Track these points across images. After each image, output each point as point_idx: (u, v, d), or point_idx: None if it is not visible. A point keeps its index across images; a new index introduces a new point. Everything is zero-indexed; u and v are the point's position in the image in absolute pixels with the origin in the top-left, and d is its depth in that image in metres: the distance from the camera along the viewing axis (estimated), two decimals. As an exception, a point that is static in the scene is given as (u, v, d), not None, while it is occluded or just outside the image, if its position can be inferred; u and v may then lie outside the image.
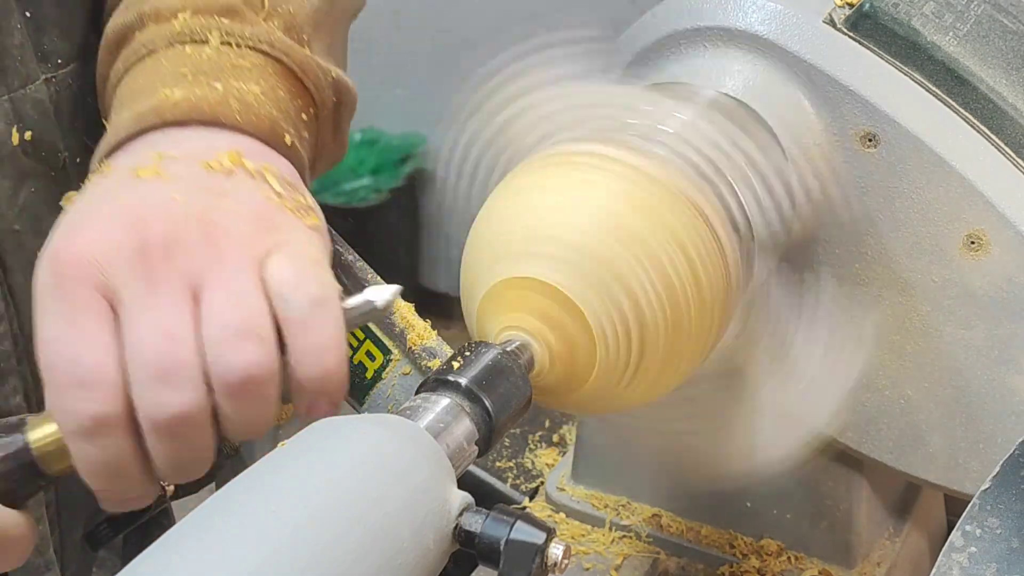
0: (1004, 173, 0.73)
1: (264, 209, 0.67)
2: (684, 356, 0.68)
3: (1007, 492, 0.53)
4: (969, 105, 0.74)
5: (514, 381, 0.62)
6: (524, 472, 1.03)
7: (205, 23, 0.76)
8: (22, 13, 0.79)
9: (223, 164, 0.68)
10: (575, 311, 0.65)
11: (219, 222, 0.65)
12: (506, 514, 0.56)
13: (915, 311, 0.76)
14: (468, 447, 0.60)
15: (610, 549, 0.90)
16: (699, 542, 0.90)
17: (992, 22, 0.76)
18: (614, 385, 0.67)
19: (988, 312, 0.74)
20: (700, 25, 0.77)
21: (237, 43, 0.76)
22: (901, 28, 0.74)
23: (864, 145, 0.74)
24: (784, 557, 0.89)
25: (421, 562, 0.53)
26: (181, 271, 0.63)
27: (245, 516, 0.50)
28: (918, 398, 0.78)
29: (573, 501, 0.94)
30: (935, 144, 0.73)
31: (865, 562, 0.88)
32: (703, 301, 0.67)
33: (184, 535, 0.50)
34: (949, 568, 0.52)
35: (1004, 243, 0.72)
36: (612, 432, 0.92)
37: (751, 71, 0.76)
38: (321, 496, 0.51)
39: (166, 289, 0.63)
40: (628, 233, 0.65)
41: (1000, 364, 0.75)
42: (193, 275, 0.63)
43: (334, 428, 0.56)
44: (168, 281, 0.63)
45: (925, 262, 0.75)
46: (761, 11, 0.76)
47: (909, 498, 0.93)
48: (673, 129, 0.72)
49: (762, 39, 0.75)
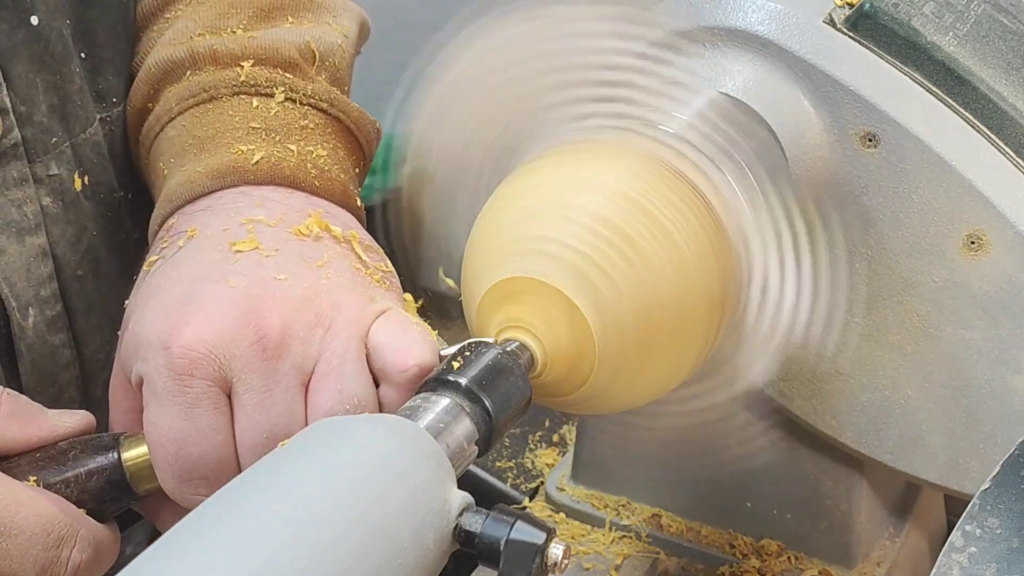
0: (1004, 173, 0.73)
1: (359, 277, 0.68)
2: (684, 354, 0.68)
3: (1007, 492, 0.53)
4: (969, 105, 0.74)
5: (514, 381, 0.62)
6: (524, 472, 1.03)
7: (270, 77, 0.77)
8: (78, 54, 0.78)
9: (312, 230, 0.69)
10: (575, 311, 0.65)
11: (326, 299, 0.65)
12: (506, 514, 0.56)
13: (915, 311, 0.76)
14: (468, 447, 0.60)
15: (610, 549, 0.90)
16: (699, 542, 0.90)
17: (992, 22, 0.76)
18: (614, 384, 0.67)
19: (988, 312, 0.74)
20: (700, 25, 0.77)
21: (300, 100, 0.77)
22: (901, 28, 0.74)
23: (864, 145, 0.74)
24: (784, 557, 0.89)
25: (421, 562, 0.53)
26: (295, 363, 0.64)
27: (245, 516, 0.50)
28: (918, 398, 0.78)
29: (573, 501, 0.94)
30: (935, 144, 0.73)
31: (865, 562, 0.88)
32: (702, 299, 0.67)
33: (184, 535, 0.50)
34: (949, 568, 0.52)
35: (1004, 243, 0.72)
36: (612, 432, 0.92)
37: (751, 71, 0.76)
38: (321, 496, 0.51)
39: (281, 387, 0.64)
40: (627, 233, 0.65)
41: (1000, 364, 0.75)
42: (306, 364, 0.64)
43: (334, 428, 0.56)
44: (283, 379, 0.64)
45: (925, 262, 0.75)
46: (761, 11, 0.76)
47: (909, 498, 0.93)
48: (673, 129, 0.72)
49: (762, 39, 0.75)
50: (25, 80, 0.75)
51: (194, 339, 0.63)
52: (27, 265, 0.75)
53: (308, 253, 0.68)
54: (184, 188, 0.73)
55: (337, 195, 0.74)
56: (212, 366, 0.63)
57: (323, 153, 0.75)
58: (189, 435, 0.63)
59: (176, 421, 0.63)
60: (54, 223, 0.77)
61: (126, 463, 0.66)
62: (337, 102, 0.79)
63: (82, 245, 0.79)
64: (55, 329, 0.78)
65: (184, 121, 0.77)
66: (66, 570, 0.63)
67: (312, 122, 0.77)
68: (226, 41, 0.79)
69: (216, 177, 0.73)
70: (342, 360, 0.64)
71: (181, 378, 0.63)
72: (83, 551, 0.64)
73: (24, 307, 0.76)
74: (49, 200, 0.77)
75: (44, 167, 0.76)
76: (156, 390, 0.63)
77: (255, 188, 0.72)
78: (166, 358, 0.63)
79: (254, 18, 0.81)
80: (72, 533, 0.63)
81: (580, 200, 0.66)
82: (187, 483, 0.64)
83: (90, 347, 0.80)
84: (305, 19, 0.82)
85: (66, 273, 0.78)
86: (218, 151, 0.74)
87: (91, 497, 0.65)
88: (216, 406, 0.63)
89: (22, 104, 0.75)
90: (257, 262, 0.66)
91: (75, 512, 0.64)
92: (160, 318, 0.64)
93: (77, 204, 0.79)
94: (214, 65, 0.79)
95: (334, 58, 0.82)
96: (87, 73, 0.79)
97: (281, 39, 0.79)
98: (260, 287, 0.65)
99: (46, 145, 0.76)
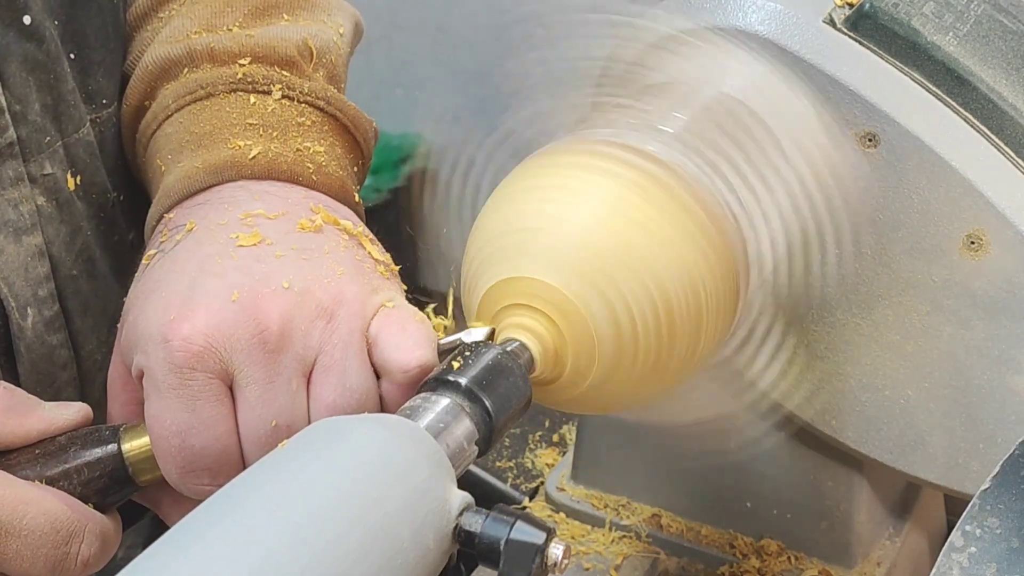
0: (1004, 173, 0.73)
1: (361, 268, 0.68)
2: (684, 355, 0.68)
3: (1007, 492, 0.53)
4: (969, 105, 0.74)
5: (514, 381, 0.62)
6: (524, 472, 1.03)
7: (267, 74, 0.78)
8: (67, 55, 0.78)
9: (314, 223, 0.69)
10: (574, 311, 0.65)
11: (328, 291, 0.65)
12: (506, 514, 0.56)
13: (915, 311, 0.76)
14: (468, 447, 0.60)
15: (610, 549, 0.91)
16: (699, 542, 0.90)
17: (992, 22, 0.76)
18: (614, 384, 0.67)
19: (988, 312, 0.74)
20: (700, 25, 0.77)
21: (297, 98, 0.77)
22: (901, 28, 0.74)
23: (864, 145, 0.74)
24: (784, 557, 0.89)
25: (421, 562, 0.53)
26: (297, 355, 0.64)
27: (245, 516, 0.50)
28: (918, 398, 0.78)
29: (573, 501, 0.94)
30: (935, 144, 0.73)
31: (865, 562, 0.88)
32: (703, 299, 0.67)
33: (184, 535, 0.50)
34: (949, 568, 0.52)
35: (1004, 243, 0.72)
36: (612, 432, 0.92)
37: (751, 71, 0.76)
38: (321, 496, 0.51)
39: (283, 379, 0.64)
40: (627, 233, 0.65)
41: (1000, 364, 0.75)
42: (307, 356, 0.64)
43: (334, 428, 0.56)
44: (285, 371, 0.64)
45: (925, 262, 0.75)
46: (761, 11, 0.76)
47: (909, 498, 0.93)
48: (673, 129, 0.72)
49: (762, 39, 0.75)
50: (19, 79, 0.75)
51: (195, 332, 0.63)
52: (24, 264, 0.76)
53: (309, 245, 0.68)
54: (182, 183, 0.73)
55: (335, 190, 0.74)
56: (213, 359, 0.63)
57: (320, 150, 0.75)
58: (191, 427, 0.63)
59: (178, 413, 0.63)
60: (49, 223, 0.77)
61: (126, 454, 0.66)
62: (334, 100, 0.79)
63: (76, 245, 0.79)
64: (53, 329, 0.78)
65: (181, 118, 0.78)
66: (76, 564, 0.63)
67: (309, 120, 0.77)
68: (223, 39, 0.79)
69: (214, 172, 0.73)
70: (344, 353, 0.64)
71: (182, 371, 0.63)
72: (91, 545, 0.64)
73: (23, 307, 0.76)
74: (44, 200, 0.77)
75: (38, 166, 0.76)
76: (157, 383, 0.64)
77: (253, 183, 0.72)
78: (167, 351, 0.63)
79: (250, 16, 0.81)
80: (80, 528, 0.64)
81: (580, 200, 0.66)
82: (190, 474, 0.64)
83: (87, 348, 0.81)
84: (300, 17, 0.82)
85: (62, 273, 0.78)
86: (215, 147, 0.74)
87: (93, 490, 0.66)
88: (218, 398, 0.63)
89: (17, 103, 0.75)
90: (257, 255, 0.66)
91: (80, 507, 0.64)
92: (160, 311, 0.64)
93: (71, 204, 0.79)
94: (211, 63, 0.79)
95: (331, 56, 0.82)
96: (77, 74, 0.79)
97: (278, 37, 0.79)
98: (261, 280, 0.65)
99: (40, 144, 0.76)
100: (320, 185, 0.74)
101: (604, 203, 0.66)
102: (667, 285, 0.66)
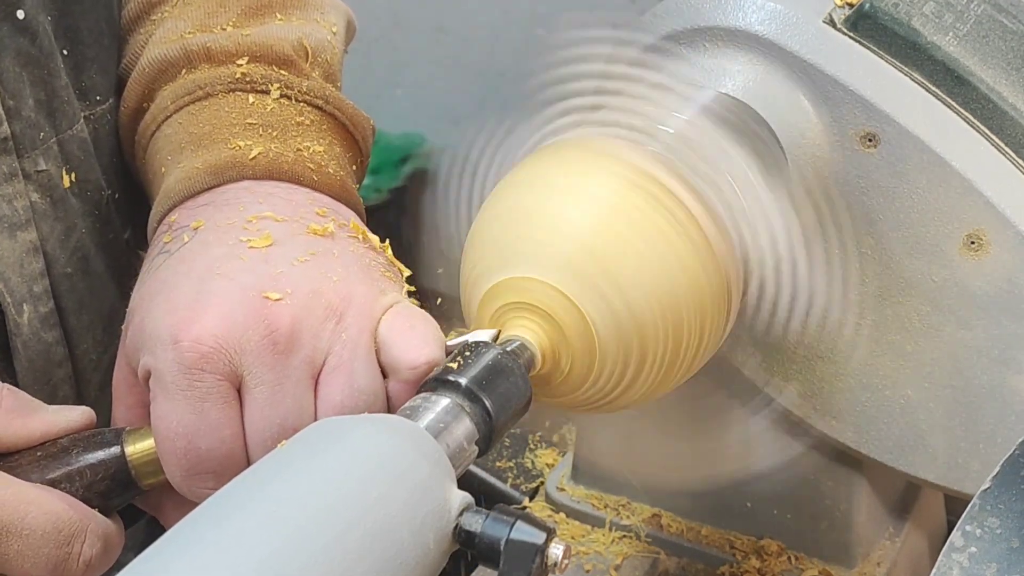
0: (1004, 173, 0.73)
1: (369, 270, 0.68)
2: (683, 355, 0.68)
3: (1007, 492, 0.53)
4: (969, 105, 0.74)
5: (514, 381, 0.62)
6: (524, 472, 1.03)
7: (266, 73, 0.78)
8: (60, 51, 0.78)
9: (324, 227, 0.69)
10: (574, 311, 0.65)
11: (337, 292, 0.65)
12: (506, 514, 0.56)
13: (915, 311, 0.76)
14: (468, 447, 0.60)
15: (610, 549, 0.91)
16: (699, 542, 0.90)
17: (992, 22, 0.76)
18: (614, 384, 0.67)
19: (988, 312, 0.74)
20: (700, 25, 0.77)
21: (296, 97, 0.77)
22: (901, 28, 0.74)
23: (864, 145, 0.74)
24: (784, 557, 0.89)
25: (421, 562, 0.53)
26: (306, 357, 0.64)
27: (245, 516, 0.50)
28: (918, 398, 0.78)
29: (573, 501, 0.94)
30: (935, 144, 0.73)
31: (865, 562, 0.88)
32: (703, 298, 0.67)
33: (185, 534, 0.50)
34: (949, 568, 0.52)
35: (1004, 243, 0.72)
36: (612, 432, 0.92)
37: (751, 71, 0.76)
38: (321, 496, 0.51)
39: (292, 382, 0.64)
40: (626, 233, 0.65)
41: (1000, 364, 0.75)
42: (317, 357, 0.64)
43: (334, 428, 0.56)
44: (294, 373, 0.64)
45: (925, 262, 0.75)
46: (761, 11, 0.76)
47: (909, 498, 0.93)
48: (673, 129, 0.72)
49: (762, 39, 0.75)
50: (12, 74, 0.74)
51: (204, 333, 0.63)
52: (19, 260, 0.75)
53: (317, 247, 0.68)
54: (183, 184, 0.73)
55: (336, 190, 0.74)
56: (222, 361, 0.63)
57: (320, 149, 0.75)
58: (198, 429, 0.63)
59: (185, 415, 0.63)
60: (43, 219, 0.77)
61: (130, 457, 0.66)
62: (332, 99, 0.79)
63: (71, 243, 0.79)
64: (48, 326, 0.78)
65: (180, 119, 0.77)
66: (77, 565, 0.63)
67: (308, 119, 0.77)
68: (219, 39, 0.79)
69: (215, 172, 0.73)
70: (352, 354, 0.64)
71: (191, 372, 0.63)
72: (93, 546, 0.64)
73: (19, 303, 0.76)
74: (38, 196, 0.77)
75: (32, 163, 0.76)
76: (165, 384, 0.63)
77: (257, 184, 0.72)
78: (176, 352, 0.63)
79: (243, 15, 0.81)
80: (81, 529, 0.63)
81: (580, 199, 0.66)
82: (194, 477, 0.64)
83: (82, 346, 0.80)
84: (294, 16, 0.82)
85: (56, 270, 0.78)
86: (215, 147, 0.74)
87: (95, 493, 0.65)
88: (226, 400, 0.63)
89: (10, 99, 0.75)
90: (265, 257, 0.66)
91: (83, 508, 0.64)
92: (169, 312, 0.64)
93: (65, 201, 0.79)
94: (209, 63, 0.79)
95: (326, 54, 0.82)
96: (70, 70, 0.79)
97: (275, 36, 0.79)
98: (270, 281, 0.65)
99: (34, 140, 0.76)
100: (321, 185, 0.74)
101: (604, 203, 0.66)
102: (668, 285, 0.66)
